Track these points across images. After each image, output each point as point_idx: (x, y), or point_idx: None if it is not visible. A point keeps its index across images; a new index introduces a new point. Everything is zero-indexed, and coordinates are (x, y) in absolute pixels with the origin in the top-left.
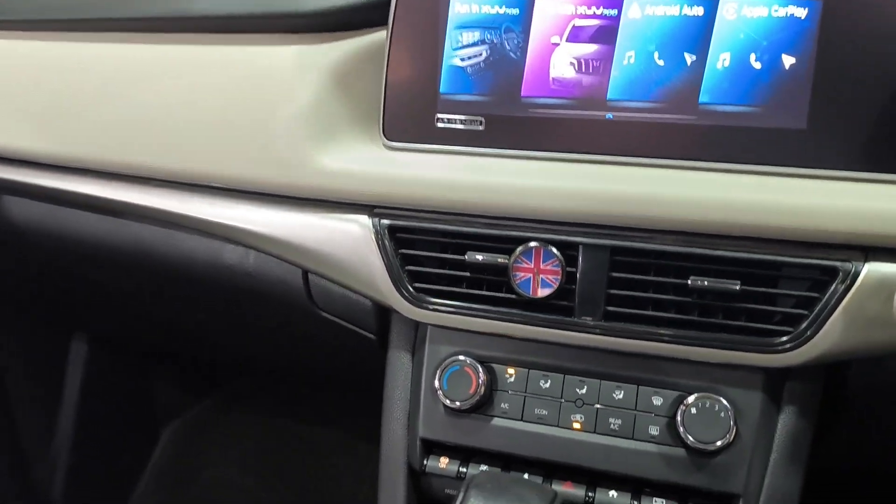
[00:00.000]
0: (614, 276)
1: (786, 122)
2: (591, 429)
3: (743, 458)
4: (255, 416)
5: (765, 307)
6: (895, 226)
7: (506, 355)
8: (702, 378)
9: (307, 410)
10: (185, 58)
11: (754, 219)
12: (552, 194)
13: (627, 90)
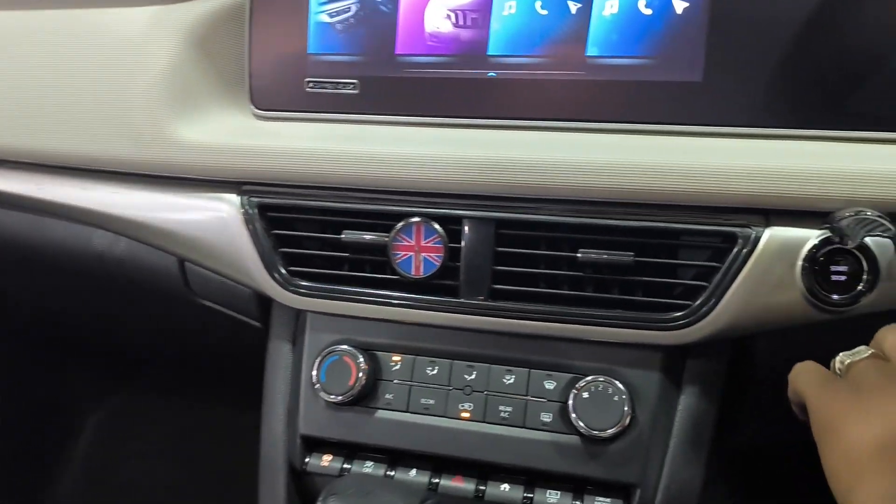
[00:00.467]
0: (500, 251)
1: (680, 74)
2: (480, 418)
3: (640, 444)
4: (175, 404)
5: (662, 280)
6: (798, 186)
7: (390, 341)
8: (597, 359)
9: (228, 394)
10: (29, 25)
11: (647, 183)
12: (432, 163)
13: (509, 44)
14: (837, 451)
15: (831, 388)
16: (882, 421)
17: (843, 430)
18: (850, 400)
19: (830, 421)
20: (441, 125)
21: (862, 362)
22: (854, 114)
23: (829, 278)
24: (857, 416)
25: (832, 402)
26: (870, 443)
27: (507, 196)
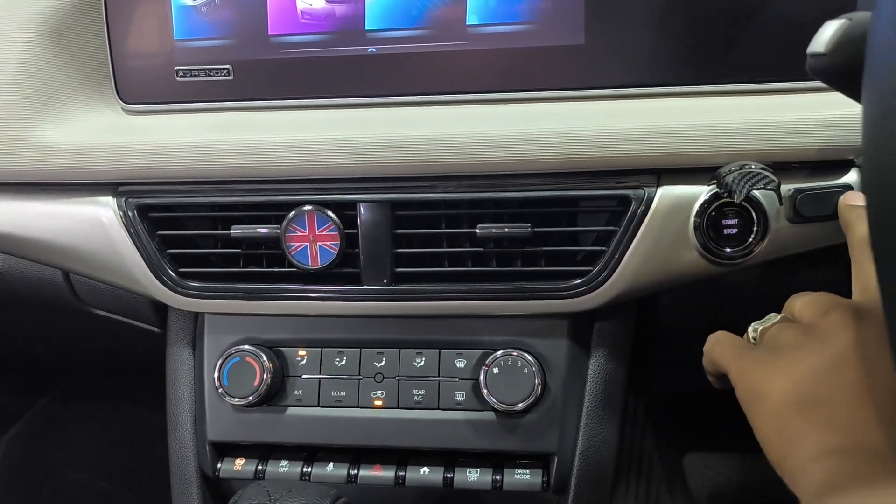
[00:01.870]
0: (399, 233)
1: (562, 38)
2: (393, 404)
3: (554, 413)
4: (98, 411)
5: (561, 248)
6: (687, 143)
7: (295, 336)
8: (506, 333)
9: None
10: None
11: (538, 152)
12: (318, 148)
13: (387, 17)
14: (764, 414)
15: (749, 354)
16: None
17: (767, 392)
18: (769, 361)
19: (753, 386)
20: (323, 107)
21: (774, 327)
22: (736, 66)
23: (721, 232)
24: (776, 375)
25: (753, 368)
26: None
27: (400, 176)
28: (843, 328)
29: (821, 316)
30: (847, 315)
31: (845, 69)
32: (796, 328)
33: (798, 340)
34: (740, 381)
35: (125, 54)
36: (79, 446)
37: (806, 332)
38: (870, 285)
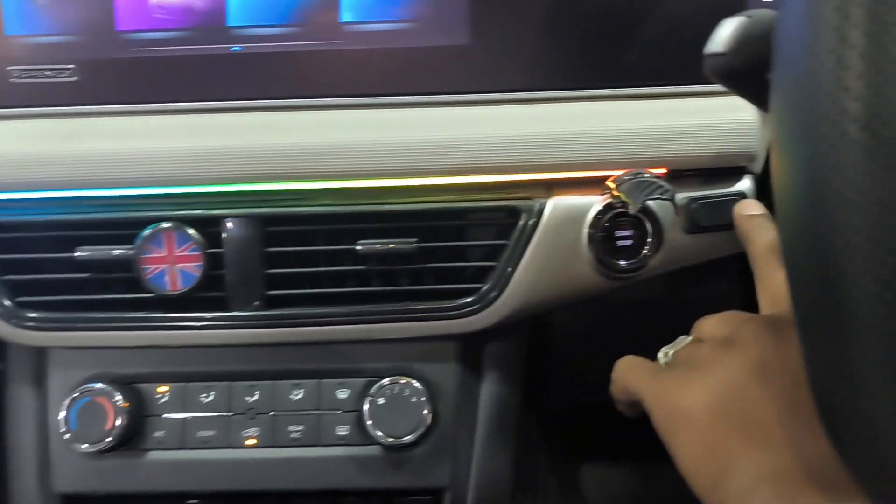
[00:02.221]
0: (271, 251)
1: (445, 38)
2: (268, 443)
3: (445, 445)
4: None
5: (448, 265)
6: (579, 150)
7: (154, 370)
8: (392, 358)
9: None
10: None
11: (420, 161)
12: (176, 158)
13: (253, 13)
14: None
15: (665, 376)
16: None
17: (690, 412)
18: (688, 379)
19: (674, 408)
20: (181, 111)
21: (686, 348)
22: (628, 70)
23: (615, 244)
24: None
25: (671, 389)
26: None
27: (271, 189)
28: (761, 339)
29: (735, 330)
30: (762, 327)
31: (746, 69)
32: (711, 344)
33: (716, 355)
34: (658, 405)
35: None
36: None
37: (723, 347)
38: (778, 295)
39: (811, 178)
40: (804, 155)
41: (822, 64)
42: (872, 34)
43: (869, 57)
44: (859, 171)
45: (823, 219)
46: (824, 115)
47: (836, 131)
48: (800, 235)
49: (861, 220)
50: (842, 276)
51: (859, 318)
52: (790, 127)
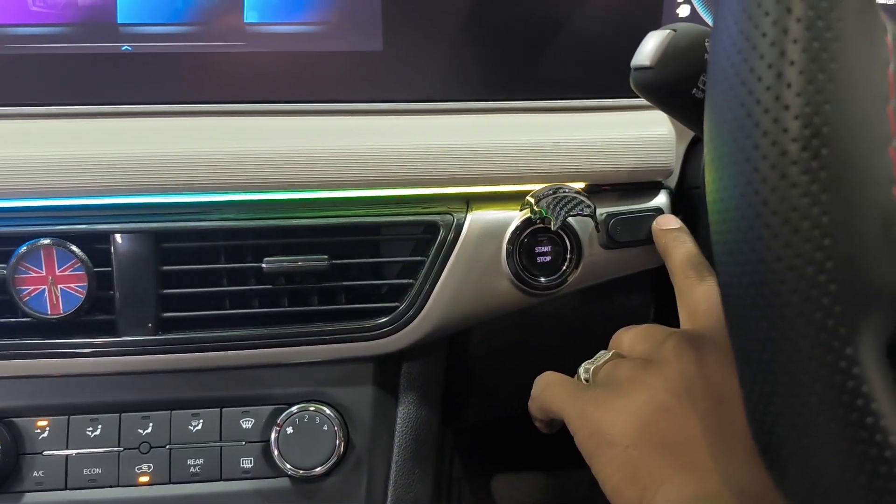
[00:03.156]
0: (166, 270)
1: (357, 43)
2: (164, 479)
3: (359, 474)
4: None
5: (362, 283)
6: (496, 163)
7: (32, 402)
8: (302, 383)
9: None
10: None
11: (329, 172)
12: (56, 166)
13: (146, 10)
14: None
15: (586, 395)
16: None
17: (613, 435)
18: (611, 400)
19: (598, 430)
20: (64, 115)
21: (608, 364)
22: (546, 82)
23: (535, 260)
24: (621, 415)
25: (594, 410)
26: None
27: (165, 202)
28: (683, 357)
29: (655, 347)
30: (683, 343)
31: (672, 83)
32: (632, 363)
33: (637, 375)
34: (581, 426)
35: None
36: None
37: (644, 366)
38: (698, 310)
39: (748, 199)
40: (741, 175)
41: (761, 80)
42: (813, 50)
43: (809, 74)
44: (800, 191)
45: (762, 240)
46: (764, 135)
47: (775, 151)
48: (736, 258)
49: (801, 242)
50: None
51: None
52: (726, 146)
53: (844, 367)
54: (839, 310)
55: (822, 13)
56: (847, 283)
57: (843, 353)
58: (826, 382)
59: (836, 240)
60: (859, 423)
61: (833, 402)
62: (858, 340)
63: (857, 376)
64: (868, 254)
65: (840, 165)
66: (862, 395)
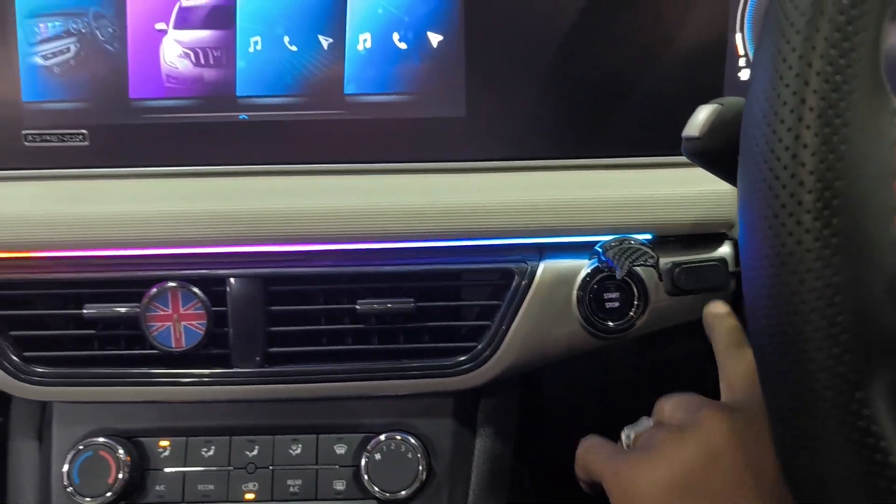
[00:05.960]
0: (273, 310)
1: (443, 110)
2: (267, 497)
3: (439, 500)
4: None
5: (444, 324)
6: (568, 217)
7: (156, 425)
8: (389, 414)
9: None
10: None
11: (418, 225)
12: (182, 220)
13: (259, 83)
14: None
15: (621, 458)
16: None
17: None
18: (643, 459)
19: (628, 486)
20: (190, 175)
21: (646, 432)
22: (615, 140)
23: (603, 305)
24: (651, 471)
25: (626, 469)
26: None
27: (273, 250)
28: (715, 423)
29: (691, 414)
30: (717, 411)
31: (719, 152)
32: (668, 429)
33: (671, 438)
34: (614, 485)
35: None
36: None
37: (679, 430)
38: (735, 383)
39: (770, 260)
40: (764, 240)
41: (780, 160)
42: (825, 135)
43: (821, 155)
44: (814, 256)
45: (782, 297)
46: (782, 206)
47: (792, 220)
48: (761, 310)
49: (815, 299)
50: (797, 349)
51: (814, 387)
52: (752, 212)
53: (855, 409)
54: (849, 358)
55: (833, 103)
56: (856, 335)
57: (853, 397)
58: (839, 421)
59: (845, 297)
60: (870, 459)
61: (846, 440)
62: (868, 385)
63: (866, 417)
64: (875, 309)
65: (849, 233)
66: (872, 434)
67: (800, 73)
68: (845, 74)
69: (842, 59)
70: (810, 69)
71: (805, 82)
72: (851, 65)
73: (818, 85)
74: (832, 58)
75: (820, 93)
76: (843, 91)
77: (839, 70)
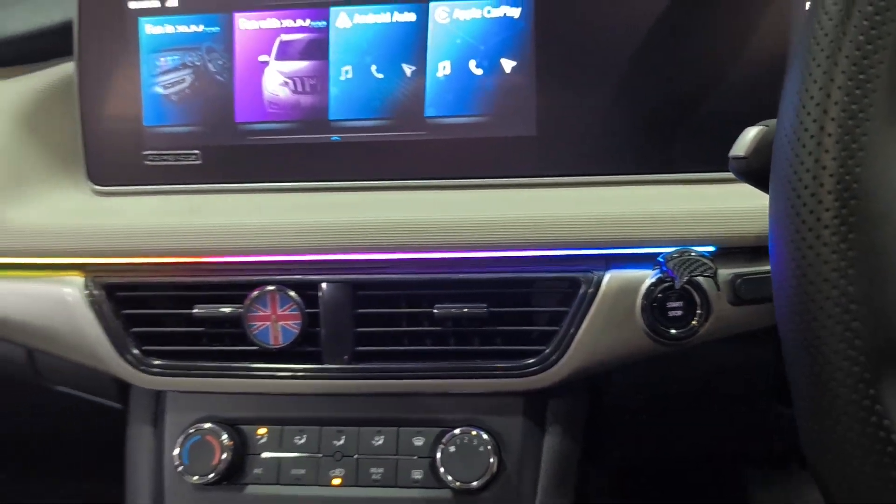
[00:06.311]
0: (360, 312)
1: (515, 130)
2: (352, 482)
3: (509, 491)
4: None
5: (515, 328)
6: (632, 230)
7: (255, 414)
8: (463, 410)
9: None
10: None
11: (492, 236)
12: (281, 232)
13: (349, 108)
14: None
15: None
16: None
17: None
18: None
19: None
20: (287, 191)
21: None
22: (678, 157)
23: (667, 314)
24: None
25: None
26: None
27: (361, 259)
28: None
29: None
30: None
31: (763, 171)
32: None
33: None
34: None
35: (97, 138)
36: None
37: None
38: None
39: (793, 271)
40: (788, 253)
41: (802, 181)
42: (842, 158)
43: (838, 177)
44: (831, 267)
45: (803, 304)
46: (803, 223)
47: (812, 235)
48: (787, 315)
49: (832, 306)
50: (817, 352)
51: (831, 385)
52: (778, 226)
53: (868, 406)
54: (863, 360)
55: (849, 130)
56: (869, 339)
57: (867, 394)
58: (854, 417)
59: (860, 306)
60: (882, 451)
61: (860, 433)
62: (881, 384)
63: (878, 413)
64: (887, 316)
65: (865, 247)
66: (883, 428)
67: (820, 103)
68: (862, 104)
69: (858, 90)
70: (829, 99)
71: (824, 111)
72: (867, 95)
73: (836, 114)
74: (849, 89)
75: (838, 121)
76: (859, 119)
77: (856, 100)
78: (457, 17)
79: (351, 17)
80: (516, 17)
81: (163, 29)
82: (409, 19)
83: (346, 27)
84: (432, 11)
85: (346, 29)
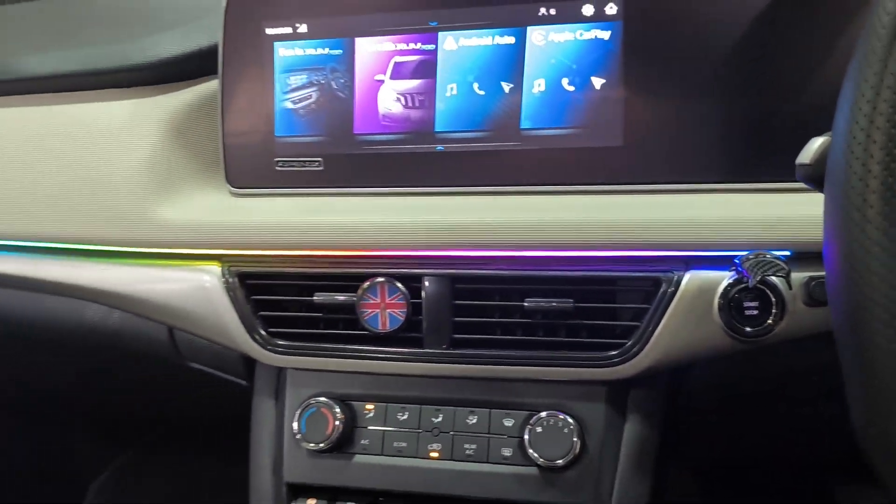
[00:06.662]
0: (458, 303)
1: (603, 140)
2: (448, 456)
3: (590, 471)
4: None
5: (599, 322)
6: (711, 234)
7: (363, 391)
8: (549, 396)
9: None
10: (18, 120)
11: (581, 236)
12: (392, 229)
13: (453, 121)
14: None
15: None
16: None
17: None
18: None
19: None
20: (398, 194)
21: None
22: (754, 166)
23: (743, 313)
24: None
25: None
26: None
27: (461, 255)
28: None
29: None
30: None
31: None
32: None
33: None
34: None
35: (234, 147)
36: (159, 497)
37: None
38: None
39: (843, 267)
40: (840, 248)
41: (851, 184)
42: (886, 163)
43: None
44: (877, 262)
45: (850, 294)
46: (852, 220)
47: (858, 230)
48: (838, 306)
49: (879, 297)
50: (866, 340)
51: (881, 372)
52: (831, 226)
53: None
54: None
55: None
56: None
57: None
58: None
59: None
60: None
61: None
62: None
63: None
64: None
65: None
66: None
67: (867, 115)
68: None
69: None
70: (875, 111)
71: (871, 121)
72: None
73: (882, 124)
74: (894, 102)
75: (883, 130)
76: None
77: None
78: (552, 40)
79: (457, 40)
80: (606, 39)
81: (294, 52)
82: (509, 42)
83: (453, 49)
84: (529, 35)
85: (453, 51)
